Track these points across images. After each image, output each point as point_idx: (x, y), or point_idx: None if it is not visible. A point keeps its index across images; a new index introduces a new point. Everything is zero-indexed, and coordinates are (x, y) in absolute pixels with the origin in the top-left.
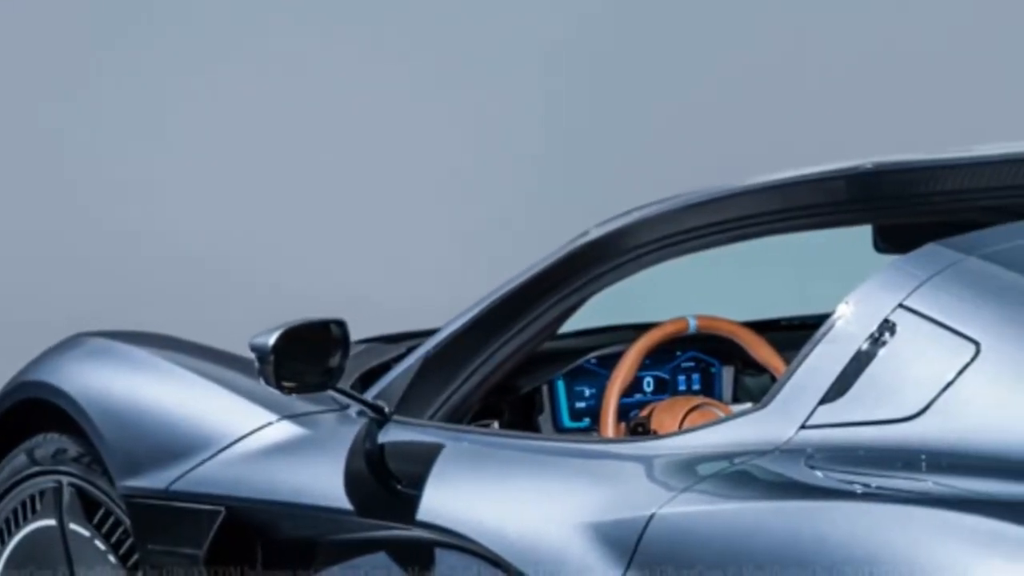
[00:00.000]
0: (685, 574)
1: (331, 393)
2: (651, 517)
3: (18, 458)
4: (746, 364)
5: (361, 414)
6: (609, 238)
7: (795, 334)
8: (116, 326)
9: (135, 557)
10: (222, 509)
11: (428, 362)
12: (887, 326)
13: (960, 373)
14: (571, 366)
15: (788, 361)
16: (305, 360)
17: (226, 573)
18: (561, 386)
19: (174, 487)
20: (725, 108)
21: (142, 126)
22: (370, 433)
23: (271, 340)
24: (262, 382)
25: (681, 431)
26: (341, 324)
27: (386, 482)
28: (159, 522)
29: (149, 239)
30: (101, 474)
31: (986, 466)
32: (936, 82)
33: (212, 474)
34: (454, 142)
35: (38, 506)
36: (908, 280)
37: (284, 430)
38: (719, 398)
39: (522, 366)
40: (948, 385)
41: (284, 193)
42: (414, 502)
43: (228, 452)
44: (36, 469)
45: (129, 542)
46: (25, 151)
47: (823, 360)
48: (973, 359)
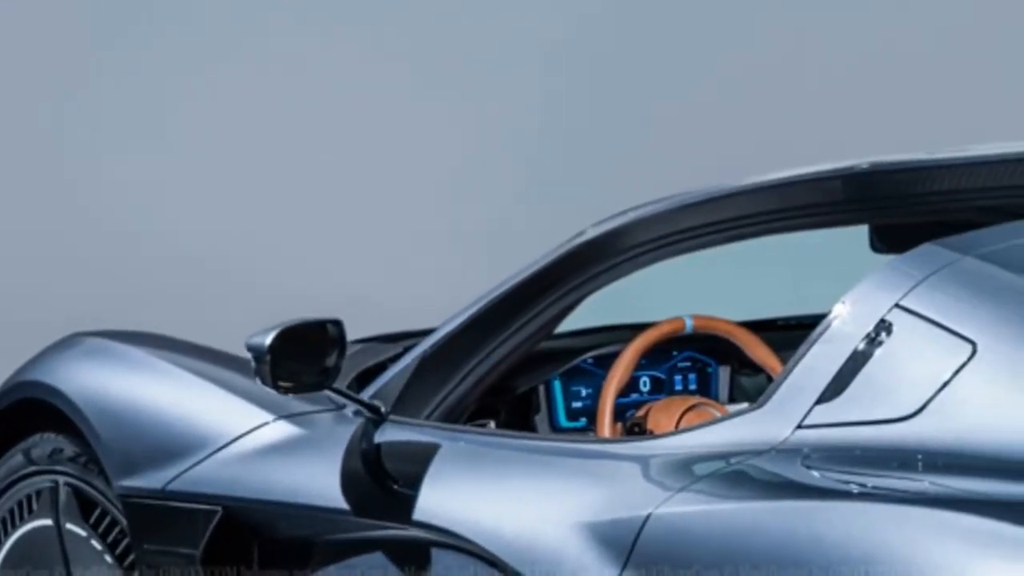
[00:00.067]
0: (682, 574)
1: (327, 393)
2: (648, 517)
3: (15, 458)
4: (742, 364)
5: (357, 414)
6: (605, 238)
7: (791, 334)
8: (113, 326)
9: (131, 557)
10: (219, 509)
11: (425, 362)
12: (883, 326)
13: (956, 373)
14: (567, 366)
15: (784, 361)
16: (301, 360)
17: (222, 573)
18: (558, 386)
19: (171, 487)
20: (721, 108)
21: (139, 126)
22: (366, 433)
23: (267, 340)
24: (258, 382)
25: (677, 431)
26: (337, 324)
27: (382, 482)
28: (156, 522)
29: (146, 239)
30: (98, 474)
31: (983, 466)
32: (932, 82)
33: (209, 474)
34: (450, 142)
35: (35, 506)
36: (904, 280)
37: (280, 430)
38: (715, 398)
39: (518, 366)
40: (944, 385)
41: (280, 193)
42: (410, 502)
43: (224, 452)
44: (33, 469)
45: (125, 542)
46: (23, 151)
47: (819, 360)
48: (969, 359)
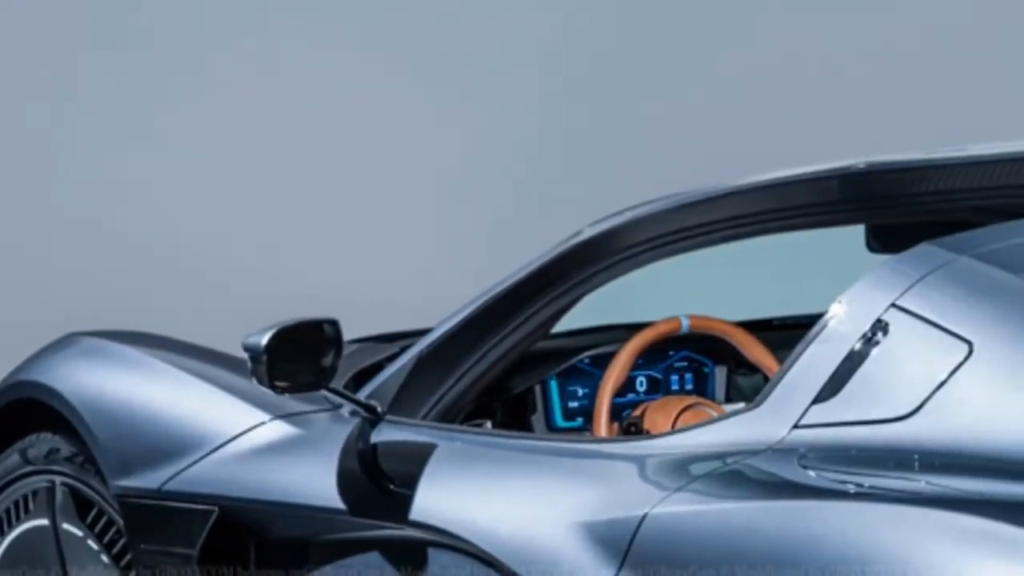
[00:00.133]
0: (678, 574)
1: (324, 393)
2: (644, 517)
3: (11, 458)
4: (739, 364)
5: (354, 414)
6: (602, 238)
7: (788, 334)
8: (109, 326)
9: (128, 557)
10: (215, 509)
11: (421, 362)
12: (880, 326)
13: (953, 373)
14: (564, 366)
15: (781, 361)
16: (298, 360)
17: (219, 573)
18: (554, 386)
19: (167, 487)
20: (718, 108)
21: (135, 125)
22: (363, 433)
23: (264, 340)
24: (255, 382)
25: (674, 431)
26: (334, 324)
27: (379, 482)
28: (152, 522)
29: (142, 239)
30: (94, 474)
31: (979, 466)
32: (929, 82)
33: (205, 474)
34: (447, 141)
35: (31, 506)
36: (901, 280)
37: (277, 430)
38: (712, 398)
39: (515, 366)
40: (941, 385)
41: (277, 193)
42: (407, 502)
43: (221, 452)
44: (29, 469)
45: (122, 542)
46: (19, 150)
47: (816, 360)
48: (966, 359)
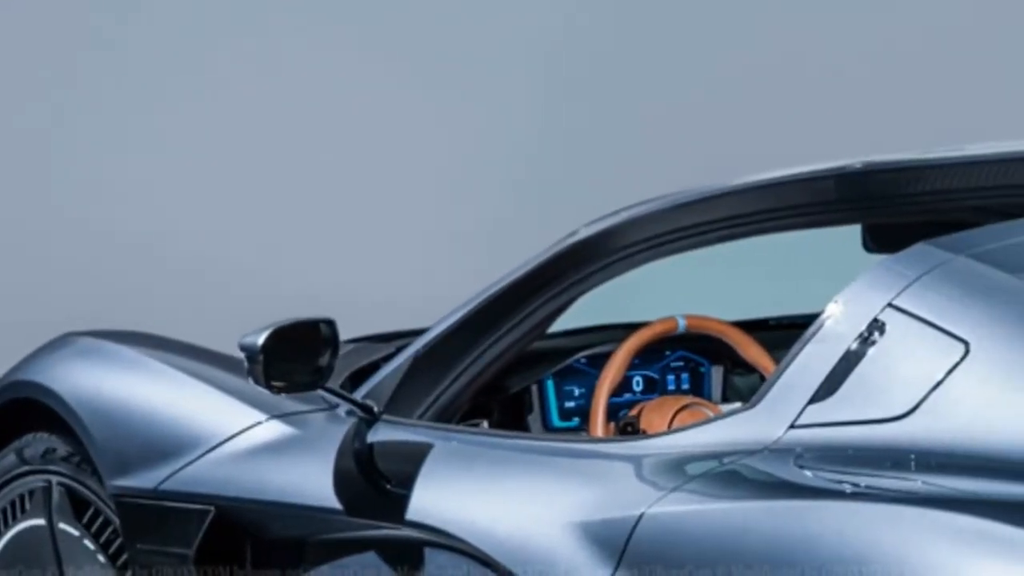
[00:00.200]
0: (675, 574)
1: (320, 392)
2: (640, 517)
3: (7, 458)
4: (735, 364)
5: (350, 413)
6: (598, 237)
7: (784, 333)
8: (105, 325)
9: (124, 556)
10: (211, 508)
11: (417, 361)
12: (876, 326)
13: (949, 373)
14: (560, 365)
15: (777, 361)
16: (294, 359)
17: (215, 572)
18: (550, 385)
19: (163, 486)
20: (714, 108)
21: (132, 125)
22: (359, 432)
23: (260, 339)
24: (251, 381)
25: (670, 431)
26: (330, 323)
27: (375, 481)
28: (148, 521)
29: (139, 239)
30: (90, 473)
31: (975, 465)
32: (925, 82)
33: (201, 473)
34: (443, 141)
35: (27, 505)
36: (897, 279)
37: (273, 429)
38: (708, 398)
39: (511, 365)
40: (937, 385)
41: (273, 192)
42: (403, 501)
43: (217, 451)
44: (25, 468)
45: (118, 541)
46: (18, 150)
47: (812, 360)
48: (962, 359)
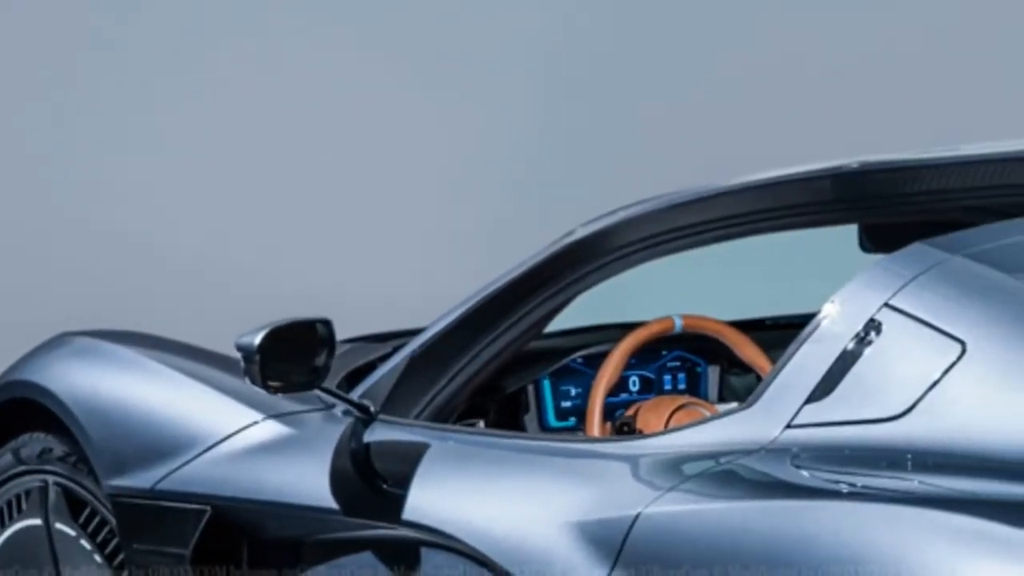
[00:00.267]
0: (671, 573)
1: (317, 392)
2: (637, 516)
3: (4, 457)
4: (732, 363)
5: (347, 413)
6: (595, 237)
7: (781, 333)
8: (102, 325)
9: (121, 556)
10: (208, 508)
11: (414, 361)
12: (873, 325)
13: (946, 372)
14: (557, 365)
15: (774, 360)
16: (291, 359)
17: (212, 572)
18: (547, 385)
19: (160, 486)
20: (711, 108)
21: (131, 125)
22: (356, 432)
23: (257, 339)
24: (248, 381)
25: (667, 430)
26: (327, 323)
27: (372, 481)
28: (145, 521)
29: (137, 238)
30: (87, 473)
31: (972, 465)
32: (921, 81)
33: (198, 473)
34: (441, 141)
35: (24, 505)
36: (894, 279)
37: (270, 429)
38: (705, 397)
39: (508, 365)
40: (934, 384)
41: (270, 192)
42: (400, 501)
43: (214, 451)
44: (22, 468)
45: (115, 542)
46: (18, 150)
47: (809, 359)
48: (959, 359)
